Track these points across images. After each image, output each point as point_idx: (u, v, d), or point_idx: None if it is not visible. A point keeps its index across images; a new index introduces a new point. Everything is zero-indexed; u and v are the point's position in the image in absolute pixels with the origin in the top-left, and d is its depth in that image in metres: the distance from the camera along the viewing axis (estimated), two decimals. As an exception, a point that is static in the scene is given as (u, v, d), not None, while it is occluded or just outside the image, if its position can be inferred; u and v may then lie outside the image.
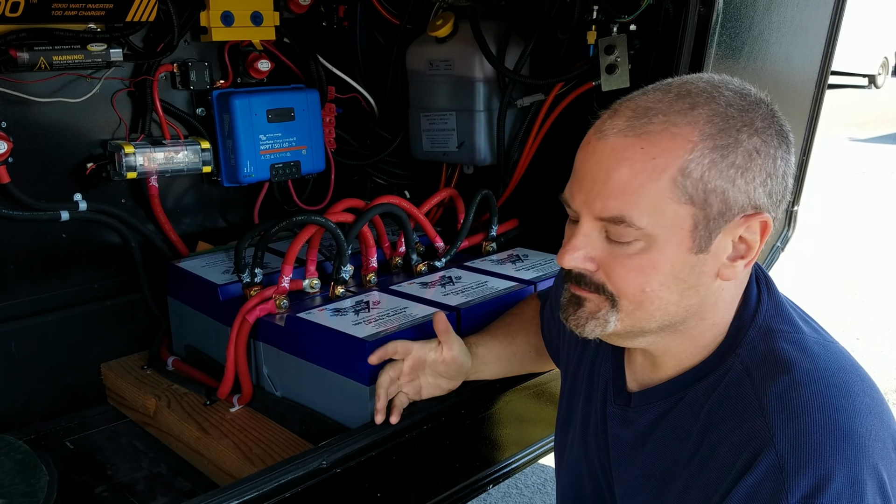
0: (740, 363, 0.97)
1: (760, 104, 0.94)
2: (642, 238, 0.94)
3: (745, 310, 1.00)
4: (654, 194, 0.91)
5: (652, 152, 0.91)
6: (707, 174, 0.90)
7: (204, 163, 2.03)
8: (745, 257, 0.96)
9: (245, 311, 1.69)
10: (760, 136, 0.92)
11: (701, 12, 1.72)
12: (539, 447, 1.72)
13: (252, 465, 1.58)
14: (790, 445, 0.88)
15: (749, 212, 0.93)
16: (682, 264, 0.94)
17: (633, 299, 0.97)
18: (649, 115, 0.93)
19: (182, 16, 1.93)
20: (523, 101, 2.21)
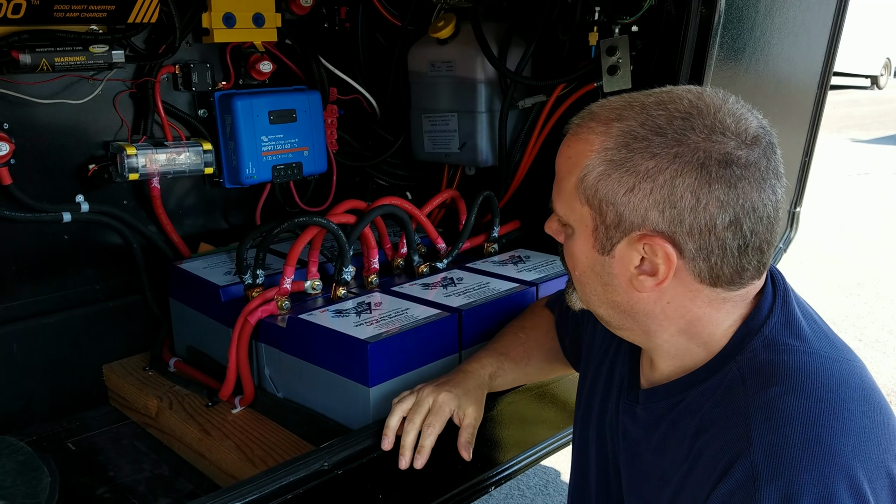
0: (738, 370, 0.97)
1: (690, 133, 0.92)
2: (569, 226, 1.04)
3: (754, 319, 1.00)
4: (567, 189, 1.02)
5: (570, 152, 1.01)
6: (599, 184, 0.97)
7: (206, 164, 2.03)
8: (653, 276, 0.98)
9: (247, 312, 1.69)
10: (658, 161, 0.92)
11: (703, 13, 1.72)
12: (541, 449, 1.72)
13: (254, 467, 1.58)
14: (766, 456, 0.87)
15: (645, 231, 0.95)
16: (593, 260, 1.02)
17: (574, 279, 1.10)
18: (588, 119, 1.00)
19: (184, 17, 1.93)
20: (525, 103, 2.21)
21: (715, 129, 0.92)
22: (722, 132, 0.92)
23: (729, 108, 0.95)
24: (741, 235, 0.94)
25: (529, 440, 1.73)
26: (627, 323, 1.06)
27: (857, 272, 4.89)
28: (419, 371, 1.62)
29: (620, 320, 1.07)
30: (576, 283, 1.10)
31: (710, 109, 0.94)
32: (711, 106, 0.94)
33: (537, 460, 1.74)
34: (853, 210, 6.46)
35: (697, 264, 0.96)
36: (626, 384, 1.18)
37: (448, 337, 1.66)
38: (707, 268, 0.96)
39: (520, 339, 1.57)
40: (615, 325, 1.09)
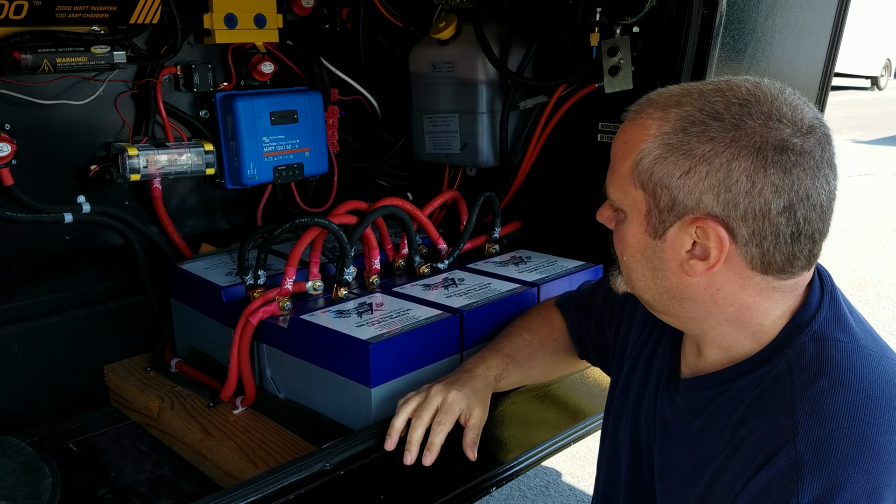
0: (786, 363, 0.99)
1: (747, 119, 0.94)
2: (621, 211, 1.06)
3: (803, 314, 1.02)
4: (622, 174, 1.03)
5: (626, 137, 1.03)
6: (654, 167, 0.98)
7: (207, 165, 2.03)
8: (704, 260, 0.99)
9: (248, 312, 1.69)
10: (714, 145, 0.94)
11: (704, 14, 1.72)
12: (543, 449, 1.72)
13: (255, 468, 1.58)
14: (811, 447, 0.89)
15: (698, 214, 0.97)
16: (644, 244, 1.04)
17: (622, 264, 1.11)
18: (646, 105, 1.03)
19: (185, 18, 1.93)
20: (526, 103, 2.21)
21: (772, 115, 0.94)
22: (779, 119, 0.94)
23: (786, 97, 0.96)
24: (794, 222, 0.95)
25: (531, 441, 1.73)
26: (674, 308, 1.07)
27: (858, 273, 4.89)
28: (420, 372, 1.62)
29: (667, 305, 1.07)
30: (623, 268, 1.11)
31: (767, 98, 0.95)
32: (769, 94, 0.96)
33: (538, 461, 1.74)
34: (854, 211, 6.46)
35: (750, 250, 0.97)
36: (665, 373, 1.18)
37: (449, 337, 1.66)
38: (759, 254, 0.97)
39: (525, 341, 1.58)
40: (661, 309, 1.10)
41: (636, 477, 1.25)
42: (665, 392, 1.16)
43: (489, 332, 1.73)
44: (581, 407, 1.84)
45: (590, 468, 2.95)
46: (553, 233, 2.19)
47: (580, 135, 2.19)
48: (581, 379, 1.81)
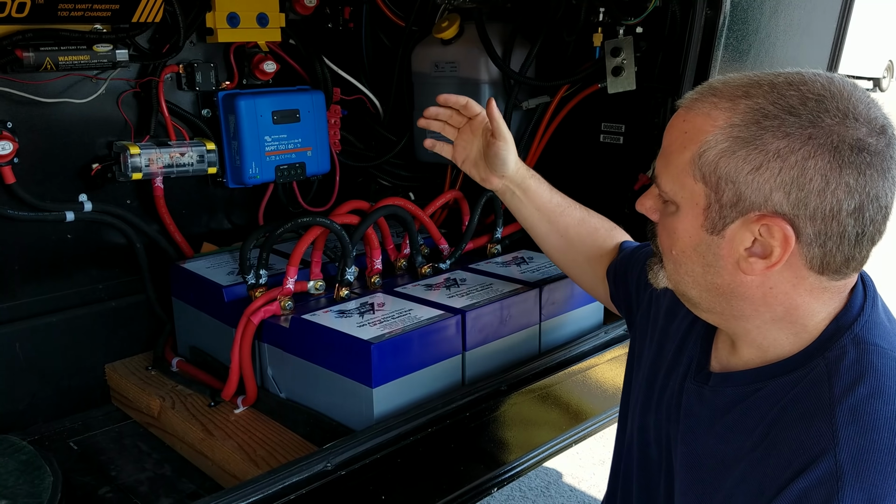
0: (825, 366, 0.96)
1: (824, 115, 0.91)
2: (673, 203, 1.02)
3: (845, 316, 1.00)
4: (679, 165, 0.99)
5: (686, 126, 0.98)
6: (720, 160, 0.94)
7: (209, 164, 2.02)
8: (764, 258, 0.96)
9: (250, 312, 1.69)
10: (790, 141, 0.91)
11: (708, 15, 1.72)
12: (544, 450, 1.72)
13: (256, 467, 1.57)
14: (852, 457, 0.87)
15: (765, 212, 0.93)
16: (698, 239, 1.00)
17: (667, 258, 1.06)
18: (709, 94, 0.98)
19: (188, 17, 1.93)
20: (529, 103, 2.21)
21: (848, 113, 0.91)
22: (855, 118, 0.91)
23: (859, 95, 0.94)
24: (861, 223, 0.93)
25: (532, 442, 1.73)
26: (720, 306, 1.04)
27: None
28: (422, 372, 1.61)
29: (713, 303, 1.04)
30: (669, 262, 1.07)
31: (843, 94, 0.92)
32: (844, 91, 0.93)
33: (540, 462, 1.74)
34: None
35: (812, 249, 0.94)
36: (694, 365, 1.16)
37: (451, 338, 1.66)
38: (821, 254, 0.95)
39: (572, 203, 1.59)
40: (705, 307, 1.06)
41: (648, 466, 1.25)
42: (693, 384, 1.14)
43: (491, 333, 1.73)
44: (582, 408, 1.83)
45: (591, 469, 2.94)
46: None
47: (583, 135, 2.19)
48: (583, 381, 1.81)
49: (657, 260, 1.10)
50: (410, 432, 1.49)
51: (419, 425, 1.50)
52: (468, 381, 1.70)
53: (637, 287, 1.42)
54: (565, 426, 1.79)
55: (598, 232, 1.58)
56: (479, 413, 1.60)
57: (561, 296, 1.88)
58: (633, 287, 1.43)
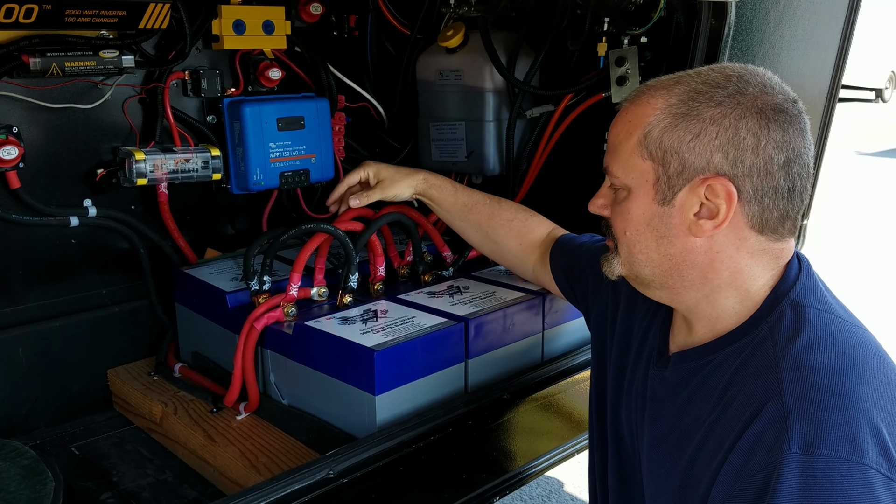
0: (768, 329, 1.06)
1: (747, 86, 1.05)
2: (624, 188, 1.13)
3: (782, 285, 1.09)
4: (626, 150, 1.10)
5: (629, 116, 1.11)
6: (664, 136, 1.06)
7: (214, 170, 2.03)
8: (712, 219, 1.06)
9: (253, 318, 1.69)
10: (722, 108, 1.03)
11: (713, 25, 1.73)
12: (547, 459, 1.71)
13: (258, 474, 1.57)
14: (796, 398, 0.96)
15: (708, 174, 1.04)
16: (651, 214, 1.10)
17: (622, 241, 1.15)
18: (646, 89, 1.11)
19: (194, 23, 1.94)
20: (533, 112, 2.21)
21: (766, 85, 1.06)
22: (772, 87, 1.06)
23: (770, 75, 1.08)
24: (790, 178, 1.05)
25: (534, 451, 1.73)
26: (671, 279, 1.13)
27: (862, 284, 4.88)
28: (425, 380, 1.61)
29: (665, 276, 1.13)
30: (625, 247, 1.15)
31: (757, 72, 1.07)
32: (758, 71, 1.08)
33: (542, 471, 1.73)
34: (858, 222, 6.45)
35: (752, 206, 1.05)
36: (655, 353, 1.24)
37: (454, 346, 1.66)
38: (759, 210, 1.05)
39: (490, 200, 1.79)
40: (658, 283, 1.15)
41: (622, 455, 1.32)
42: (654, 370, 1.22)
43: (494, 341, 1.73)
44: (585, 418, 1.82)
45: (592, 478, 2.93)
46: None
47: (586, 144, 2.19)
48: (586, 390, 1.80)
49: (612, 250, 1.20)
50: (413, 440, 1.49)
51: (422, 433, 1.50)
52: (471, 389, 1.70)
53: (594, 288, 1.50)
54: (568, 435, 1.78)
55: (512, 223, 1.74)
56: (481, 421, 1.60)
57: (564, 304, 1.87)
58: (588, 287, 1.52)
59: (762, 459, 0.94)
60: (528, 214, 1.76)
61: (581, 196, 2.18)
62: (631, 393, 1.29)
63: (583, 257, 1.57)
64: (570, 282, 1.61)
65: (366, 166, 1.82)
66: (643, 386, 1.25)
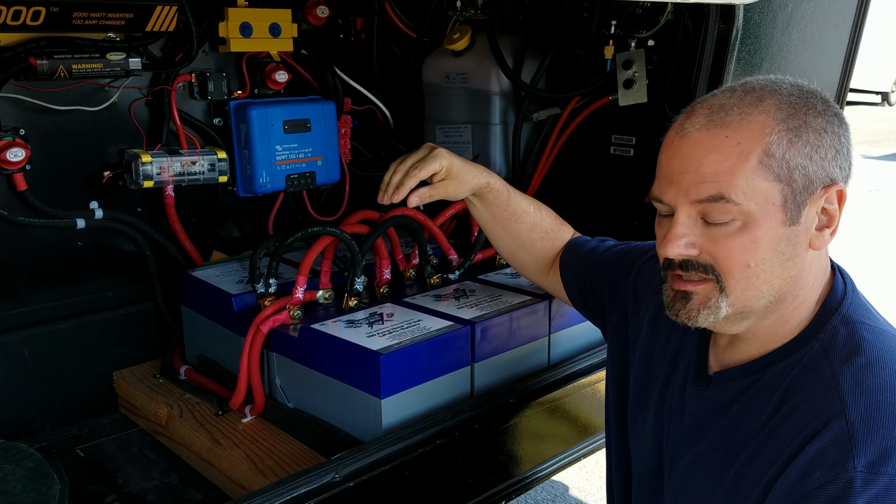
0: (821, 346, 1.04)
1: (815, 92, 1.05)
2: (739, 216, 1.02)
3: (831, 300, 1.08)
4: (745, 174, 1.01)
5: (735, 139, 1.02)
6: (788, 153, 1.01)
7: (220, 172, 2.03)
8: (829, 226, 1.05)
9: (259, 321, 1.69)
10: (823, 117, 1.02)
11: (720, 28, 1.72)
12: (552, 463, 1.71)
13: (263, 477, 1.57)
14: (860, 417, 0.95)
15: (827, 183, 1.03)
16: (779, 238, 1.03)
17: (739, 277, 1.04)
18: (725, 110, 1.04)
19: (201, 26, 1.94)
20: (539, 115, 2.21)
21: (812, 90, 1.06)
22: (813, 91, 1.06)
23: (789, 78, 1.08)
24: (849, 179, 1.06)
25: (541, 455, 1.72)
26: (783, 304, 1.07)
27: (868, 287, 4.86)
28: (431, 383, 1.61)
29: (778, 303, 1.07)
30: (742, 281, 1.04)
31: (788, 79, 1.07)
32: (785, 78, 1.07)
33: (549, 475, 1.73)
34: (864, 226, 6.43)
35: None
36: (693, 371, 1.20)
37: (460, 349, 1.65)
38: None
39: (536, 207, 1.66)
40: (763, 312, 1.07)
41: (657, 473, 1.27)
42: (694, 389, 1.18)
43: (500, 344, 1.72)
44: (591, 422, 1.82)
45: (597, 482, 2.92)
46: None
47: (593, 147, 2.18)
48: (592, 394, 1.80)
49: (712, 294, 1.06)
50: (419, 444, 1.48)
51: (427, 437, 1.50)
52: (477, 392, 1.69)
53: (612, 298, 1.45)
54: (574, 439, 1.78)
55: (548, 235, 1.66)
56: (487, 425, 1.59)
57: (570, 308, 1.87)
58: (605, 297, 1.47)
59: (823, 477, 0.93)
60: (560, 225, 1.67)
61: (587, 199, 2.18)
62: (662, 410, 1.25)
63: (597, 266, 1.51)
64: (582, 291, 1.56)
65: (439, 157, 1.54)
66: (679, 404, 1.21)
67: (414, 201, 1.56)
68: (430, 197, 1.57)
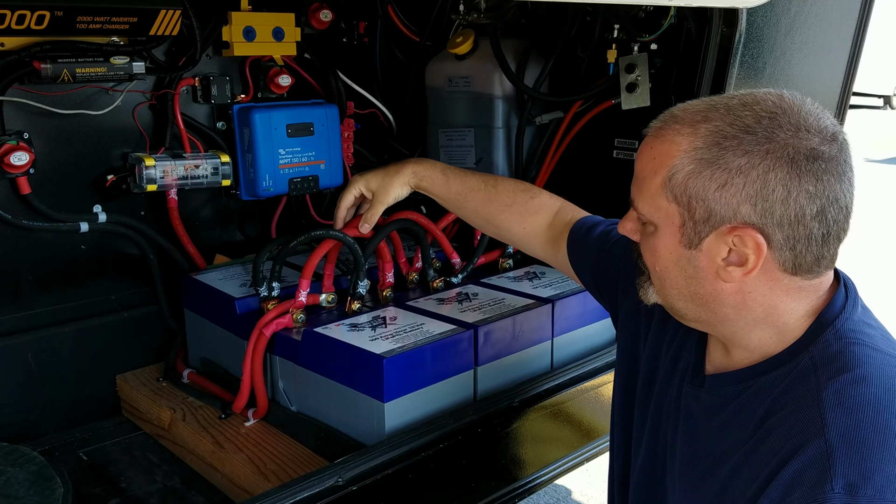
0: (810, 359, 1.03)
1: (778, 131, 0.98)
2: (651, 224, 1.08)
3: (826, 314, 1.06)
4: (651, 189, 1.06)
5: (654, 153, 1.06)
6: (689, 182, 1.01)
7: (223, 176, 2.03)
8: (741, 266, 1.02)
9: (262, 324, 1.69)
10: (750, 157, 0.98)
11: (724, 32, 1.72)
12: (556, 467, 1.71)
13: (266, 481, 1.57)
14: (840, 436, 0.92)
15: (736, 223, 1.00)
16: (678, 255, 1.06)
17: (653, 275, 1.13)
18: (671, 121, 1.05)
19: (204, 30, 1.94)
20: (542, 119, 2.21)
21: (800, 126, 0.99)
22: (807, 129, 0.99)
23: (808, 108, 1.01)
24: (825, 224, 1.00)
25: (544, 459, 1.72)
26: (705, 315, 1.10)
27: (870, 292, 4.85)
28: (434, 387, 1.61)
29: (698, 312, 1.11)
30: (655, 279, 1.13)
31: (793, 109, 1.00)
32: (793, 106, 1.01)
33: (551, 479, 1.73)
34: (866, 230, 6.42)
35: (783, 253, 1.01)
36: (690, 369, 1.21)
37: (463, 353, 1.66)
38: (792, 256, 1.01)
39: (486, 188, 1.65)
40: (691, 317, 1.13)
41: (651, 468, 1.28)
42: (689, 388, 1.19)
43: (504, 348, 1.72)
44: (595, 426, 1.82)
45: (600, 486, 2.92)
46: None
47: (596, 151, 2.18)
48: (595, 398, 1.80)
49: (646, 278, 1.16)
50: (422, 448, 1.49)
51: (431, 441, 1.50)
52: (480, 396, 1.69)
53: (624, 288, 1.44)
54: (577, 443, 1.78)
55: (511, 207, 1.62)
56: (490, 429, 1.59)
57: (574, 311, 1.87)
58: (618, 287, 1.46)
59: (802, 498, 0.91)
60: (529, 196, 1.64)
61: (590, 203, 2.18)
62: (661, 407, 1.26)
63: (609, 255, 1.50)
64: (596, 279, 1.53)
65: (354, 183, 1.74)
66: (676, 402, 1.22)
67: (364, 228, 1.75)
68: (371, 217, 1.74)
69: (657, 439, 1.26)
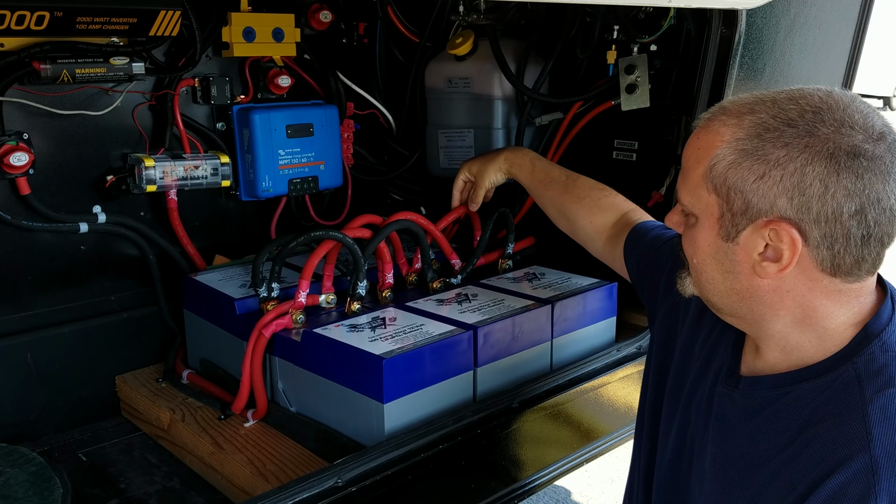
0: (854, 371, 1.01)
1: (821, 125, 0.96)
2: (693, 216, 1.09)
3: (874, 325, 1.03)
4: (694, 179, 1.06)
5: (700, 143, 1.06)
6: (728, 172, 1.01)
7: (223, 177, 2.03)
8: (776, 262, 1.01)
9: (261, 325, 1.69)
10: (789, 150, 0.97)
11: (723, 33, 1.72)
12: (555, 468, 1.71)
13: (266, 482, 1.56)
14: (886, 452, 0.92)
15: (772, 217, 0.99)
16: (716, 247, 1.06)
17: (691, 266, 1.13)
18: (719, 113, 1.05)
19: (204, 31, 1.94)
20: (542, 120, 2.21)
21: (844, 122, 0.97)
22: (850, 126, 0.96)
23: (857, 105, 0.99)
24: (865, 225, 0.97)
25: (543, 460, 1.72)
26: (741, 310, 1.09)
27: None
28: (434, 388, 1.61)
29: (735, 307, 1.10)
30: (693, 271, 1.13)
31: (839, 105, 0.98)
32: (840, 102, 0.99)
33: (551, 480, 1.72)
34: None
35: (821, 252, 0.99)
36: (725, 369, 1.19)
37: (463, 354, 1.65)
38: (829, 256, 0.99)
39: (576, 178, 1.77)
40: (728, 311, 1.12)
41: (678, 464, 1.27)
42: (724, 388, 1.17)
43: (503, 349, 1.72)
44: (594, 427, 1.82)
45: (600, 487, 2.92)
46: (567, 249, 2.17)
47: (596, 152, 2.19)
48: (595, 399, 1.80)
49: (685, 269, 1.16)
50: (421, 448, 1.49)
51: (430, 442, 1.50)
52: (479, 397, 1.69)
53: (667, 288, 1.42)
54: (577, 444, 1.78)
55: (584, 201, 1.71)
56: (490, 430, 1.59)
57: (573, 312, 1.87)
58: (661, 286, 1.45)
59: None
60: (603, 194, 1.71)
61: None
62: (691, 405, 1.25)
63: (657, 254, 1.50)
64: (642, 277, 1.54)
65: (461, 169, 1.96)
66: (708, 401, 1.20)
67: (473, 207, 2.00)
68: (475, 198, 1.98)
69: (685, 436, 1.25)
